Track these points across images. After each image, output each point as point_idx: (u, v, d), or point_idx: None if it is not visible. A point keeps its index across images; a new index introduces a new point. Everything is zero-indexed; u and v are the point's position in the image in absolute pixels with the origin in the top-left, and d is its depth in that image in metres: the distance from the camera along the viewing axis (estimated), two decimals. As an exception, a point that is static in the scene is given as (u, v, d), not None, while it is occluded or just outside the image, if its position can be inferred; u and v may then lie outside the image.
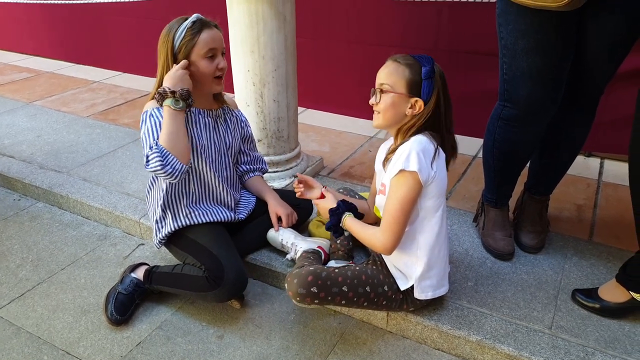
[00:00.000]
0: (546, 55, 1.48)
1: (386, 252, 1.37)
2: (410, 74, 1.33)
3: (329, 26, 2.92)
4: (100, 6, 3.78)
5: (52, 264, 1.90)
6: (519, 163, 1.75)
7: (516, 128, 1.62)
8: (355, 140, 2.77)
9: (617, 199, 2.14)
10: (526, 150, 1.70)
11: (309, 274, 1.37)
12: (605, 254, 1.76)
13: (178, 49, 1.51)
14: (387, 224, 1.34)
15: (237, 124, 1.77)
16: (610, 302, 1.47)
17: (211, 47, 1.53)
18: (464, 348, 1.46)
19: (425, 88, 1.33)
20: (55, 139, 2.78)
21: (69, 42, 4.19)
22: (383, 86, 1.35)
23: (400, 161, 1.30)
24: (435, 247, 1.41)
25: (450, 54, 2.58)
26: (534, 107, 1.55)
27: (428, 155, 1.32)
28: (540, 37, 1.46)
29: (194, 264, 1.58)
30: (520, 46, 1.49)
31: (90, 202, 2.14)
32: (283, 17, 1.94)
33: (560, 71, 1.51)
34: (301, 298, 1.37)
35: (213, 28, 1.55)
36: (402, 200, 1.31)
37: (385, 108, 1.36)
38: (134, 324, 1.61)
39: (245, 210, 1.78)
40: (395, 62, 1.35)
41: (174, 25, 1.52)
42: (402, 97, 1.34)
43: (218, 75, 1.58)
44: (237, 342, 1.54)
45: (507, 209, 1.86)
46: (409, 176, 1.30)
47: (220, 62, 1.56)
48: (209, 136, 1.66)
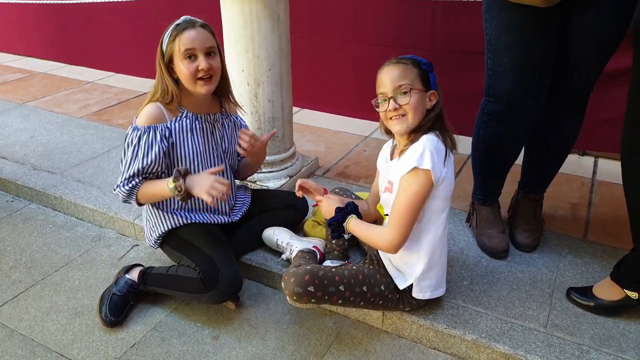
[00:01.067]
0: (529, 51, 1.49)
1: (392, 250, 1.36)
2: (419, 70, 1.35)
3: (323, 26, 2.91)
4: (93, 6, 3.76)
5: (46, 265, 1.88)
6: (503, 159, 1.75)
7: (499, 123, 1.64)
8: (351, 140, 2.77)
9: (612, 197, 2.15)
10: (510, 147, 1.70)
11: (306, 273, 1.37)
12: (600, 252, 1.77)
13: (166, 52, 1.50)
14: (395, 221, 1.33)
15: (234, 129, 1.74)
16: (605, 300, 1.47)
17: (188, 47, 1.46)
18: (459, 347, 1.46)
19: (432, 79, 1.37)
20: (48, 139, 2.77)
21: (61, 43, 4.16)
22: (404, 87, 1.33)
23: (414, 158, 1.30)
24: (437, 248, 1.42)
25: (445, 54, 2.59)
26: (515, 102, 1.57)
27: (440, 154, 1.33)
28: (523, 32, 1.47)
29: (189, 265, 1.57)
30: (503, 41, 1.51)
31: (84, 203, 2.13)
32: (277, 16, 1.94)
33: (543, 67, 1.52)
34: (298, 297, 1.37)
35: (196, 28, 1.48)
36: (413, 197, 1.31)
37: (415, 107, 1.34)
38: (128, 326, 1.60)
39: (240, 211, 1.78)
40: (400, 63, 1.36)
41: (166, 29, 1.51)
42: (422, 93, 1.35)
43: (200, 77, 1.50)
44: (233, 342, 1.53)
45: (497, 206, 1.86)
46: (422, 174, 1.30)
47: (200, 63, 1.48)
48: (206, 142, 1.64)
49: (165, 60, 1.51)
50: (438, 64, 1.41)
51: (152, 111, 1.53)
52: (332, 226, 1.46)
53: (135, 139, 1.51)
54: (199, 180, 1.46)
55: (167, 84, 1.52)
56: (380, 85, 1.38)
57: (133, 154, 1.50)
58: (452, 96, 2.70)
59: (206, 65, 1.49)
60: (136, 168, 1.49)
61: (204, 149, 1.63)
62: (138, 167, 1.49)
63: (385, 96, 1.36)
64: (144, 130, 1.50)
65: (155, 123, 1.52)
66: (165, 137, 1.53)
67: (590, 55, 1.50)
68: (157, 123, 1.52)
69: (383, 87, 1.36)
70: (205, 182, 1.44)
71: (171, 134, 1.55)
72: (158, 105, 1.54)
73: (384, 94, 1.36)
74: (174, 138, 1.55)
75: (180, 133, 1.57)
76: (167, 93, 1.53)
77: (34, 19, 4.18)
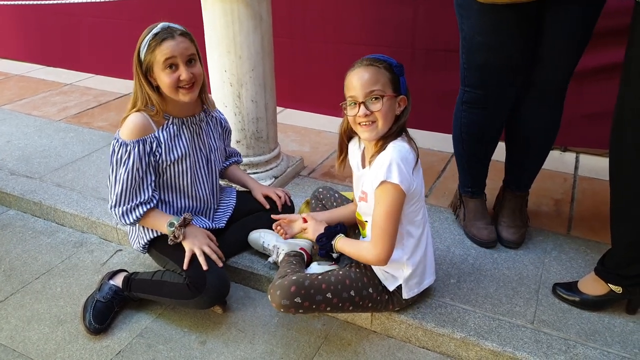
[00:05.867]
0: (504, 51, 1.54)
1: (381, 263, 1.35)
2: (390, 74, 1.32)
3: (306, 25, 2.90)
4: (71, 7, 3.68)
5: (26, 273, 1.83)
6: (487, 146, 1.79)
7: (478, 109, 1.69)
8: (335, 139, 2.71)
9: (593, 192, 2.18)
10: (491, 131, 1.75)
11: (292, 284, 1.36)
12: (584, 247, 1.79)
13: (144, 62, 1.46)
14: (378, 237, 1.32)
15: (217, 124, 1.74)
16: (590, 295, 1.49)
17: (168, 57, 1.43)
18: (448, 345, 1.46)
19: (403, 84, 1.34)
20: (26, 144, 2.70)
21: (39, 44, 4.07)
22: (375, 93, 1.29)
23: (382, 172, 1.28)
24: (419, 248, 1.43)
25: (428, 53, 2.59)
26: (491, 91, 1.63)
27: (408, 164, 1.31)
28: (499, 35, 1.52)
29: (175, 269, 1.54)
30: (477, 41, 1.55)
31: (65, 208, 2.08)
32: (259, 16, 1.92)
33: (519, 60, 1.57)
34: (285, 309, 1.36)
35: (176, 37, 1.44)
36: (389, 211, 1.30)
37: (385, 114, 1.31)
38: (113, 333, 1.57)
39: (225, 216, 1.76)
40: (372, 66, 1.31)
41: (142, 36, 1.47)
42: (393, 98, 1.33)
43: (182, 86, 1.48)
44: (220, 347, 1.51)
45: (484, 198, 1.89)
46: (391, 188, 1.28)
47: (182, 73, 1.46)
48: (193, 144, 1.62)
49: (144, 70, 1.48)
50: (420, 63, 1.40)
51: (138, 122, 1.49)
52: (324, 256, 1.48)
53: (124, 155, 1.48)
54: (196, 234, 1.55)
55: (147, 94, 1.50)
56: (350, 88, 1.32)
57: (126, 172, 1.48)
58: (433, 95, 2.72)
59: (188, 76, 1.47)
60: (131, 187, 1.49)
61: (192, 152, 1.62)
62: (133, 187, 1.49)
63: (355, 100, 1.32)
64: (133, 145, 1.48)
65: (143, 135, 1.49)
66: (155, 149, 1.51)
67: (564, 49, 1.54)
68: (144, 134, 1.50)
69: (353, 91, 1.31)
70: (201, 240, 1.54)
71: (160, 144, 1.53)
72: (143, 115, 1.51)
73: (353, 98, 1.32)
74: (162, 147, 1.53)
75: (169, 141, 1.55)
76: (149, 104, 1.51)
77: (10, 20, 4.08)
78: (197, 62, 1.52)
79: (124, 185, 1.49)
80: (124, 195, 1.50)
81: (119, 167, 1.48)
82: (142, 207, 1.53)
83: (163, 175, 1.58)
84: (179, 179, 1.60)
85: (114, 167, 1.50)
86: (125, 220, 1.53)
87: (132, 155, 1.47)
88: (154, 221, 1.56)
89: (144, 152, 1.49)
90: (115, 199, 1.51)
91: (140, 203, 1.52)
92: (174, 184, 1.60)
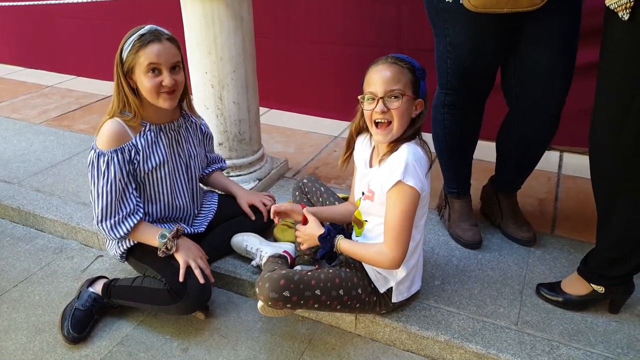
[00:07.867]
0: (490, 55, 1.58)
1: (395, 266, 1.33)
2: (412, 75, 1.31)
3: (289, 25, 2.88)
4: (51, 7, 3.62)
5: (3, 281, 1.79)
6: (470, 145, 1.81)
7: (460, 111, 1.71)
8: (321, 140, 2.74)
9: (577, 191, 2.19)
10: (474, 130, 1.79)
11: (281, 278, 1.34)
12: (567, 247, 1.79)
13: (126, 62, 1.43)
14: (394, 239, 1.30)
15: (196, 129, 1.71)
16: (573, 295, 1.49)
17: (152, 62, 1.41)
18: (432, 348, 1.45)
19: (423, 88, 1.33)
20: (5, 147, 2.65)
21: (18, 45, 4.00)
22: (396, 92, 1.28)
23: (398, 172, 1.27)
24: (416, 253, 1.42)
25: (412, 53, 2.57)
26: (475, 92, 1.68)
27: (422, 166, 1.30)
28: (487, 39, 1.53)
29: (154, 276, 1.52)
30: (468, 46, 1.55)
31: (44, 214, 2.04)
32: (240, 17, 1.89)
33: (500, 61, 1.63)
34: (273, 302, 1.33)
35: (162, 42, 1.43)
36: (405, 213, 1.29)
37: (402, 114, 1.29)
38: (92, 341, 1.54)
39: (205, 222, 1.73)
40: (396, 64, 1.30)
41: (127, 36, 1.44)
42: (412, 100, 1.31)
43: (163, 91, 1.46)
44: (203, 354, 1.49)
45: (469, 199, 1.89)
46: (408, 189, 1.27)
47: (165, 79, 1.44)
48: (172, 150, 1.60)
49: (125, 70, 1.45)
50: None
51: (113, 130, 1.46)
52: (324, 258, 1.44)
53: (103, 166, 1.44)
54: (190, 247, 1.53)
55: (126, 95, 1.47)
56: (370, 84, 1.31)
57: (108, 184, 1.45)
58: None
59: (171, 82, 1.44)
60: (115, 199, 1.46)
61: (170, 158, 1.59)
62: (117, 198, 1.46)
63: (374, 95, 1.30)
64: (112, 155, 1.45)
65: (120, 143, 1.46)
66: (133, 157, 1.49)
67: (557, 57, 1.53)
68: (122, 142, 1.47)
69: (374, 86, 1.30)
70: (195, 252, 1.52)
71: (138, 152, 1.50)
72: (118, 122, 1.48)
73: (373, 93, 1.30)
74: (140, 155, 1.50)
75: (146, 148, 1.52)
76: (127, 107, 1.48)
77: (-12, 21, 4.01)
78: (181, 70, 1.50)
79: (108, 198, 1.45)
80: (109, 208, 1.47)
81: (100, 179, 1.45)
82: (131, 219, 1.49)
83: (141, 184, 1.55)
84: (158, 187, 1.57)
85: (95, 180, 1.46)
86: (115, 235, 1.49)
87: (111, 166, 1.44)
88: (144, 234, 1.53)
89: (123, 161, 1.46)
90: (101, 213, 1.47)
91: (128, 214, 1.49)
92: (152, 192, 1.57)
